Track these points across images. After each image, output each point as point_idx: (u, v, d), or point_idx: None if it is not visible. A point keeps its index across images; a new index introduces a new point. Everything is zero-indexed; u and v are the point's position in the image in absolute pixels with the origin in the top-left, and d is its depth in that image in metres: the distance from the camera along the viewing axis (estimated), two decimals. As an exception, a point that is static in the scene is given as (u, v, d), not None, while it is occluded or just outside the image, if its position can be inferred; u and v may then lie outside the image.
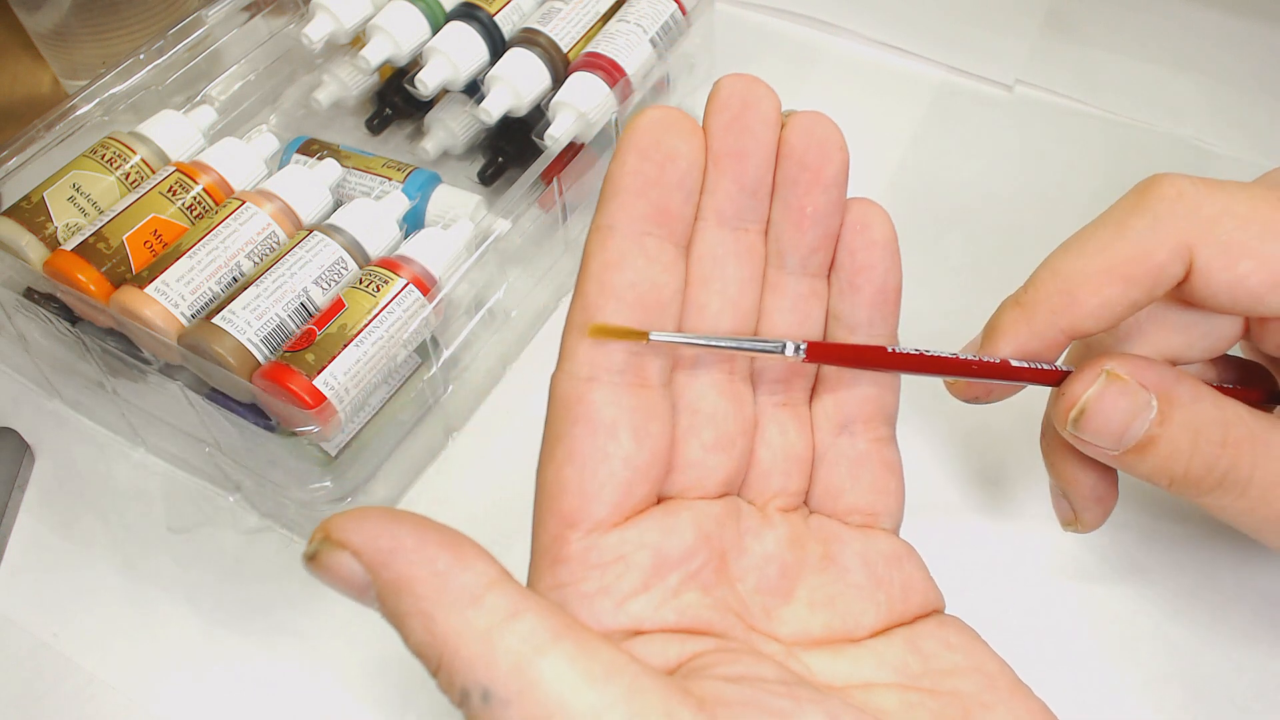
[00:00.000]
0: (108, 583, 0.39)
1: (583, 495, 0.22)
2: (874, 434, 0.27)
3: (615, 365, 0.23)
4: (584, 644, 0.19)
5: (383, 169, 0.46)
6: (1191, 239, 0.26)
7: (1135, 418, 0.26)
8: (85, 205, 0.40)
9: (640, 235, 0.23)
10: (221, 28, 0.49)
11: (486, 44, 0.47)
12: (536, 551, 0.23)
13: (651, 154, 0.23)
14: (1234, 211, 0.26)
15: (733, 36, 0.57)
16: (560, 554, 0.23)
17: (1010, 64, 0.56)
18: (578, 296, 0.23)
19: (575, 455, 0.23)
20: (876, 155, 0.52)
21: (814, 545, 0.25)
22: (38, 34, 0.54)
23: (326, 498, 0.37)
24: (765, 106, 0.24)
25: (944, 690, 0.23)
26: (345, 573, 0.20)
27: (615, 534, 0.23)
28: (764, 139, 0.24)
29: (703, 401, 0.24)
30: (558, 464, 0.23)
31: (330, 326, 0.36)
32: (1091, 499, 0.31)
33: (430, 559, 0.19)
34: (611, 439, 0.23)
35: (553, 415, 0.23)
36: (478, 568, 0.20)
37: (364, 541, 0.20)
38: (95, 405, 0.43)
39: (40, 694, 0.36)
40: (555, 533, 0.23)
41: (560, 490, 0.23)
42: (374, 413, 0.39)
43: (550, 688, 0.18)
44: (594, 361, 0.23)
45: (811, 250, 0.25)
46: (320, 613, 0.38)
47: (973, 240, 0.48)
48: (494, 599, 0.19)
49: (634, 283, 0.23)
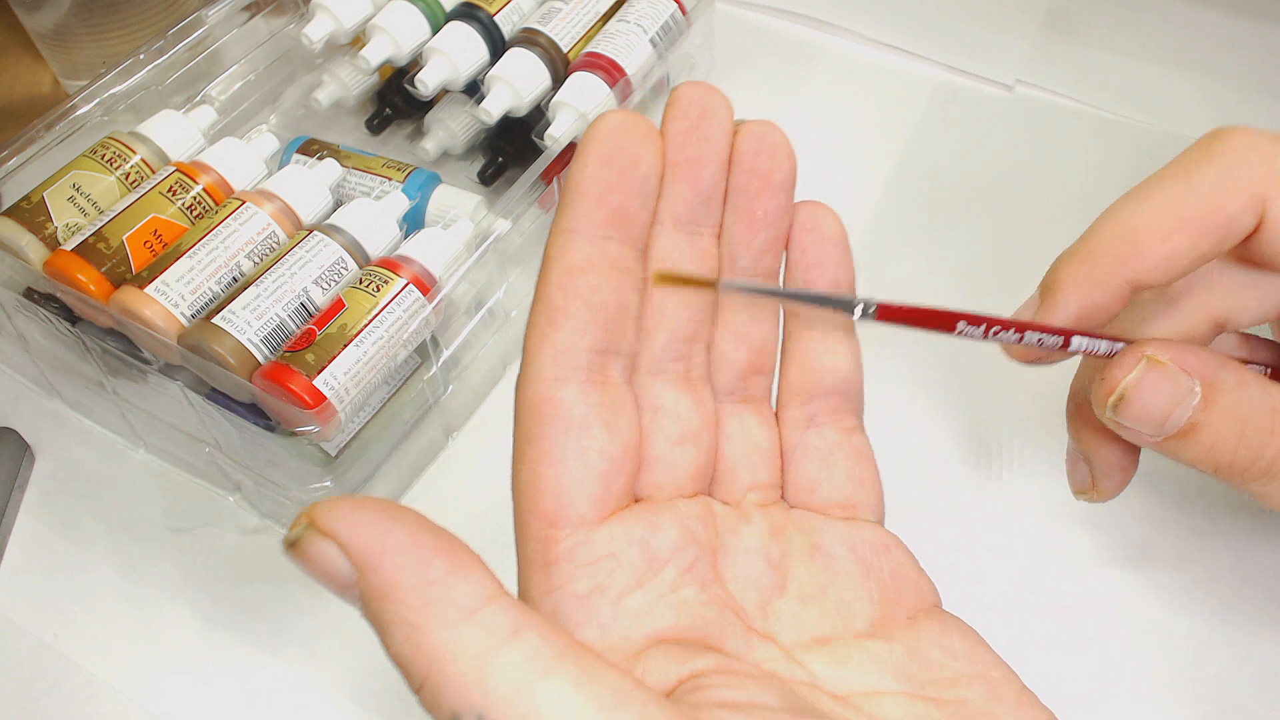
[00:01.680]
0: (108, 583, 0.39)
1: (562, 491, 0.22)
2: (842, 424, 0.26)
3: (580, 364, 0.23)
4: (588, 667, 0.18)
5: (383, 169, 0.46)
6: (1265, 190, 0.25)
7: (1178, 404, 0.26)
8: (85, 205, 0.40)
9: (601, 239, 0.23)
10: (221, 28, 0.49)
11: (486, 44, 0.47)
12: (523, 560, 0.23)
13: (614, 160, 0.23)
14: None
15: (733, 36, 0.57)
16: (548, 556, 0.22)
17: (1010, 64, 0.56)
18: (539, 300, 0.23)
19: (550, 453, 0.23)
20: (876, 155, 0.52)
21: (797, 536, 0.25)
22: (38, 34, 0.54)
23: (326, 497, 0.36)
24: (722, 115, 0.24)
25: (950, 699, 0.22)
26: (328, 565, 0.18)
27: (602, 530, 0.23)
28: (720, 146, 0.24)
29: (663, 399, 0.24)
30: (532, 464, 0.23)
31: (330, 326, 0.36)
32: (1116, 467, 0.30)
33: (423, 564, 0.18)
34: (585, 433, 0.23)
35: (522, 418, 0.23)
36: (475, 579, 0.18)
37: (352, 534, 0.18)
38: (95, 405, 0.43)
39: (40, 694, 0.36)
40: (540, 535, 0.23)
41: (538, 490, 0.23)
42: (374, 413, 0.39)
43: (553, 714, 0.17)
44: (558, 362, 0.23)
45: (762, 252, 0.25)
46: (320, 613, 0.38)
47: (972, 240, 0.48)
48: (492, 615, 0.18)
49: (596, 286, 0.23)
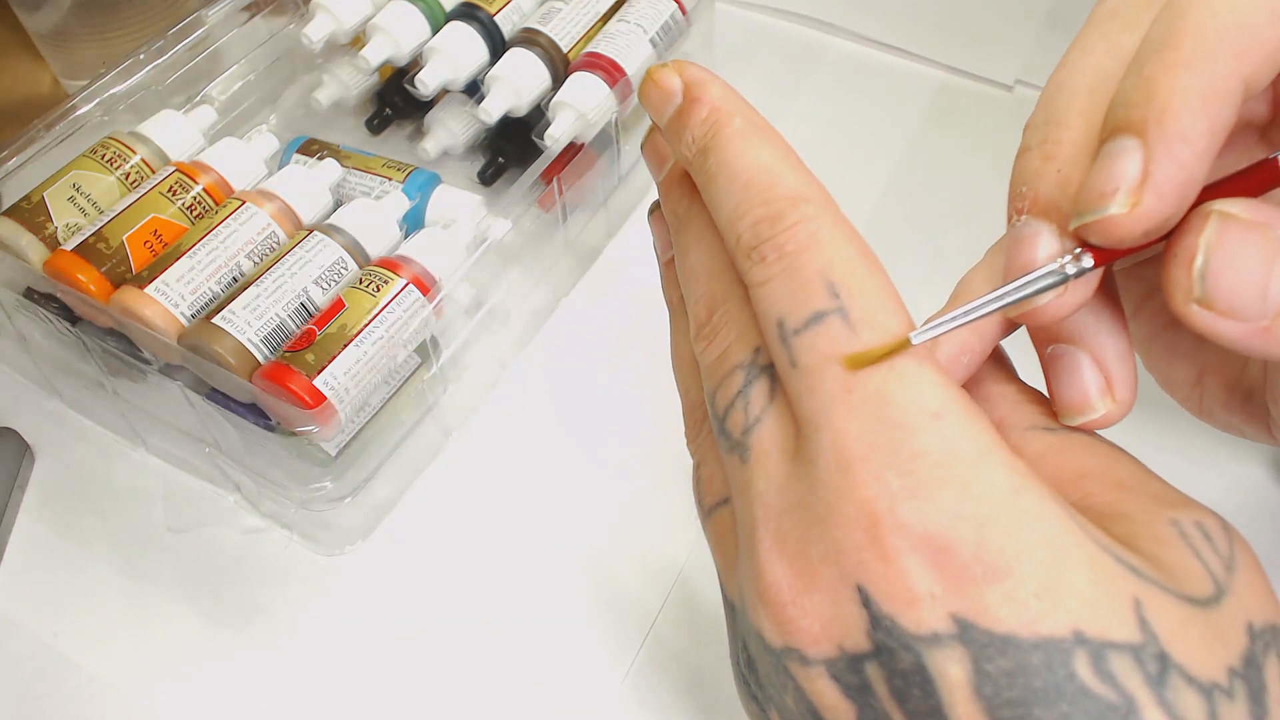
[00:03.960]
0: (108, 583, 0.39)
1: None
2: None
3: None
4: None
5: (383, 169, 0.46)
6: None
7: (1274, 265, 0.19)
8: (85, 205, 0.40)
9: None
10: (221, 28, 0.49)
11: (486, 44, 0.47)
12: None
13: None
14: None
15: (733, 36, 0.57)
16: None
17: (1010, 64, 0.56)
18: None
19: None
20: (876, 155, 0.52)
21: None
22: (38, 34, 0.54)
23: (326, 498, 0.37)
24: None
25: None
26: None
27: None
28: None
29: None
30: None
31: (330, 326, 0.36)
32: (1127, 356, 0.23)
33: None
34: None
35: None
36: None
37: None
38: (95, 405, 0.43)
39: (40, 694, 0.36)
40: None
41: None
42: (374, 413, 0.39)
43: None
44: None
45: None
46: (321, 612, 0.38)
47: (972, 240, 0.48)
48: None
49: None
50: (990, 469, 0.19)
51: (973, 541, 0.18)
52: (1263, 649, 0.19)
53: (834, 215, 0.21)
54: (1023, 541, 0.18)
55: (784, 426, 0.21)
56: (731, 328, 0.23)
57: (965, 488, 0.19)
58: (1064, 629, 0.18)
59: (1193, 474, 0.38)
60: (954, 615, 0.18)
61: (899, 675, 0.19)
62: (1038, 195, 0.21)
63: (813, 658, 0.20)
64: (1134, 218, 0.19)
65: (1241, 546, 0.21)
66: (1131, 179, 0.19)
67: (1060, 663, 0.18)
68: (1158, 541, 0.20)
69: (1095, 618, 0.18)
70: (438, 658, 0.36)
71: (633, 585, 0.38)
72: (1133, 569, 0.19)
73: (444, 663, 0.36)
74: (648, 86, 0.24)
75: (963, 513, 0.18)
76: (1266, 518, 0.38)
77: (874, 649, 0.19)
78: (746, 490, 0.21)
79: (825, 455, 0.20)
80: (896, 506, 0.19)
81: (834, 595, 0.19)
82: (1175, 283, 0.20)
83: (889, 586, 0.19)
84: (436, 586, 0.38)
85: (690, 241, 0.24)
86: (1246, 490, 0.39)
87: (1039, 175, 0.21)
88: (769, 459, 0.21)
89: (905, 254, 0.49)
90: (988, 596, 0.18)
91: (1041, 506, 0.19)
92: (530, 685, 0.36)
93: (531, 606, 0.37)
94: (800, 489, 0.20)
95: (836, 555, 0.19)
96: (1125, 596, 0.18)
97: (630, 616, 0.37)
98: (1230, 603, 0.19)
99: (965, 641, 0.18)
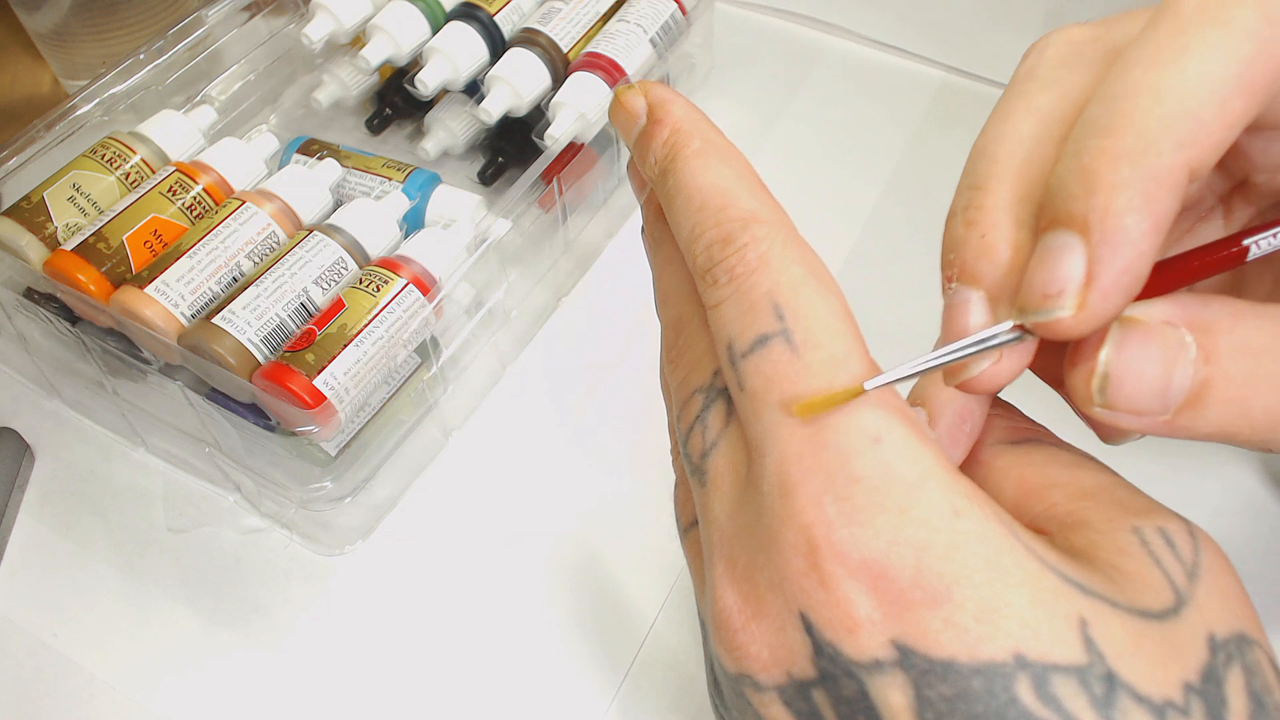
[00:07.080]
0: (108, 583, 0.39)
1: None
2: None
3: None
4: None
5: (383, 169, 0.46)
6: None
7: (1174, 364, 0.19)
8: (85, 205, 0.40)
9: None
10: (221, 28, 0.49)
11: (486, 44, 0.47)
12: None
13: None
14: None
15: (733, 36, 0.57)
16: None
17: (1010, 64, 0.55)
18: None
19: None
20: (876, 155, 0.52)
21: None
22: (38, 34, 0.54)
23: (326, 498, 0.37)
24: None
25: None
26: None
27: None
28: None
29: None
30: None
31: (330, 326, 0.36)
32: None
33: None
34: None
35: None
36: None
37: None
38: (95, 405, 0.43)
39: (40, 694, 0.36)
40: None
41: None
42: (374, 413, 0.39)
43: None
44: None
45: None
46: (320, 612, 0.38)
47: (973, 240, 0.48)
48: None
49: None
50: (929, 492, 0.19)
51: (911, 566, 0.18)
52: (1225, 661, 0.19)
53: (785, 236, 0.21)
54: (962, 565, 0.18)
55: (738, 451, 0.21)
56: (693, 351, 0.23)
57: (903, 512, 0.18)
58: (1004, 652, 0.18)
59: (1184, 479, 0.38)
60: (894, 641, 0.18)
61: (844, 702, 0.19)
62: (964, 263, 0.20)
63: (764, 684, 0.20)
64: (1080, 320, 0.18)
65: (1209, 552, 0.20)
66: (1076, 281, 0.18)
67: (1002, 687, 0.17)
68: (1118, 551, 0.20)
69: (1037, 639, 0.18)
70: (437, 657, 0.36)
71: (632, 585, 0.38)
72: (1079, 586, 0.19)
73: (443, 662, 0.36)
74: (615, 108, 0.24)
75: (900, 538, 0.18)
76: (1258, 524, 0.38)
77: (819, 676, 0.19)
78: (705, 514, 0.21)
79: (769, 480, 0.19)
80: (833, 533, 0.18)
81: (779, 622, 0.19)
82: (1075, 390, 0.20)
83: (829, 614, 0.18)
84: (436, 586, 0.38)
85: (661, 263, 0.24)
86: (1238, 495, 0.39)
87: (964, 242, 0.21)
88: (724, 483, 0.21)
89: (905, 254, 0.49)
90: (927, 621, 0.18)
91: (983, 528, 0.19)
92: (529, 685, 0.36)
93: (531, 606, 0.37)
94: (749, 514, 0.20)
95: (780, 582, 0.19)
96: (1069, 616, 0.18)
97: (630, 616, 0.37)
98: (1190, 614, 0.19)
99: (906, 667, 0.18)
